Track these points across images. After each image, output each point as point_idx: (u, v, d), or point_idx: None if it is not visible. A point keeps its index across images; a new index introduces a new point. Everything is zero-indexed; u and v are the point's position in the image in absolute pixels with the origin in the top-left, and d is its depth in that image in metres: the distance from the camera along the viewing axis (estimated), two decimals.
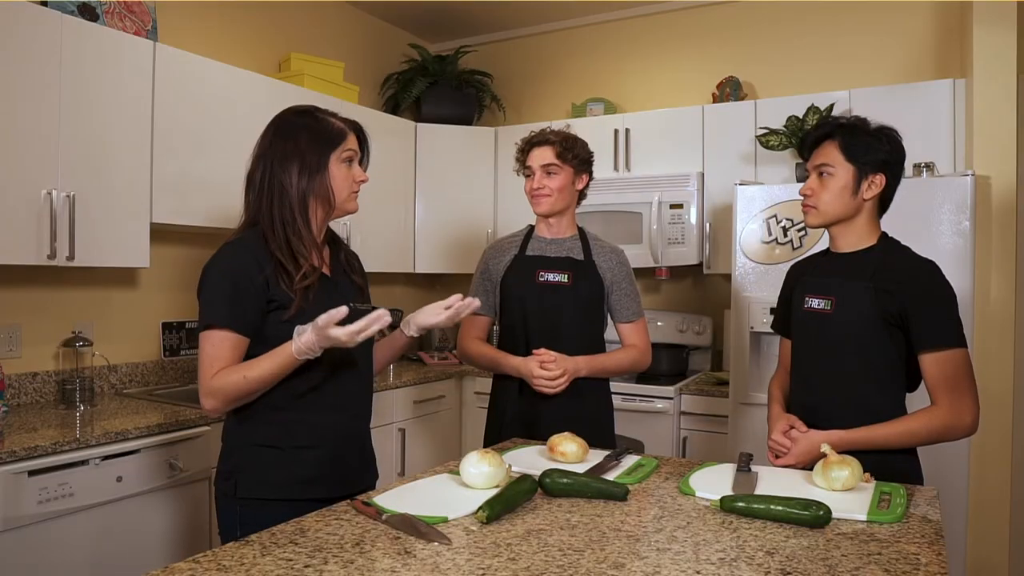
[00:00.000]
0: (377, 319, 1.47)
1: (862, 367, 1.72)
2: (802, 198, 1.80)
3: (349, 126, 1.67)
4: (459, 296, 1.76)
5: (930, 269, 1.70)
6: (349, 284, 1.73)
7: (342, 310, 1.45)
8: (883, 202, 1.78)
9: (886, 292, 1.68)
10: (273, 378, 1.52)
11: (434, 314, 1.76)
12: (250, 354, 1.55)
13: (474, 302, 1.77)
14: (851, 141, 1.72)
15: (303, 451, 1.60)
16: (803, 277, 1.87)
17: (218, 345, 1.52)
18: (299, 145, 1.60)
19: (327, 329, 1.44)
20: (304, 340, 1.47)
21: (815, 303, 1.78)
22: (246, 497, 1.57)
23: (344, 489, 1.61)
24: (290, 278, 1.55)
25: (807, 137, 1.81)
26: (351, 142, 1.66)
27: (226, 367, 1.52)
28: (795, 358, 1.86)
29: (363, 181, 1.68)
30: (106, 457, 2.15)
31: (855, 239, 1.77)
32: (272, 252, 1.56)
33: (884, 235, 1.78)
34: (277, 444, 1.59)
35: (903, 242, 1.78)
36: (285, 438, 1.59)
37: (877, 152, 1.71)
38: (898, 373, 1.74)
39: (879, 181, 1.72)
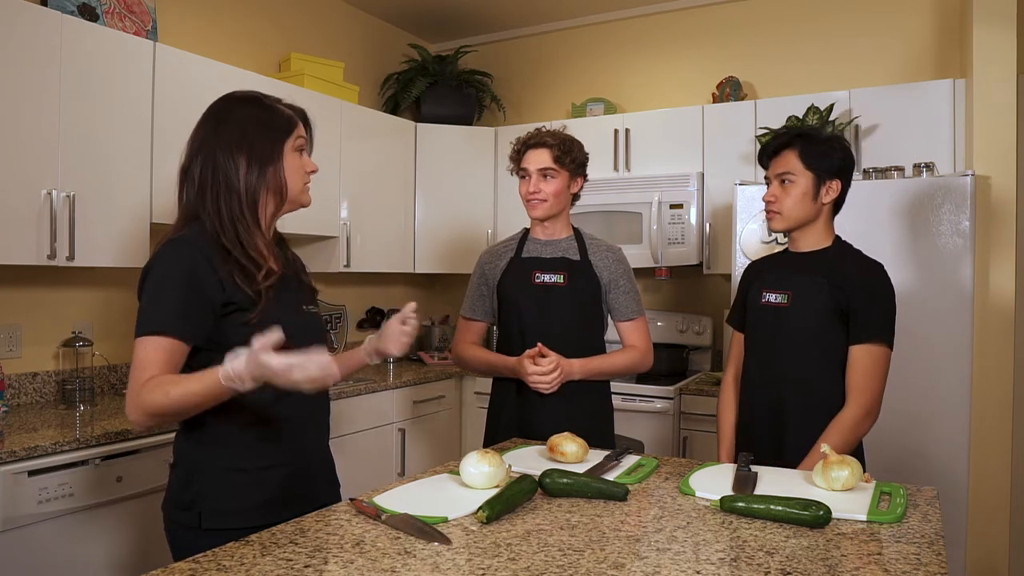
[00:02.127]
0: (312, 361, 1.27)
1: (818, 356, 1.84)
2: (765, 204, 1.92)
3: (296, 113, 1.55)
4: (413, 306, 1.70)
5: (879, 271, 1.84)
6: (300, 284, 1.62)
7: (276, 333, 1.26)
8: (836, 206, 1.91)
9: (838, 287, 1.81)
10: (197, 400, 1.33)
11: (396, 342, 1.67)
12: (208, 363, 1.35)
13: (410, 305, 1.70)
14: (809, 150, 1.85)
15: (270, 471, 1.48)
16: (762, 274, 1.99)
17: (153, 351, 1.35)
18: (247, 135, 1.46)
19: (260, 354, 1.25)
20: (234, 365, 1.28)
21: (772, 297, 1.91)
22: (212, 528, 1.41)
23: (313, 506, 1.48)
24: (248, 277, 1.42)
25: (766, 147, 1.93)
26: (301, 130, 1.54)
27: (157, 376, 1.34)
28: (752, 350, 1.97)
29: (313, 171, 1.57)
30: (106, 457, 2.15)
31: (813, 240, 1.91)
32: (228, 250, 1.42)
33: (838, 237, 1.92)
34: (244, 466, 1.46)
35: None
36: (252, 458, 1.46)
37: (832, 159, 1.85)
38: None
39: (836, 186, 1.86)
